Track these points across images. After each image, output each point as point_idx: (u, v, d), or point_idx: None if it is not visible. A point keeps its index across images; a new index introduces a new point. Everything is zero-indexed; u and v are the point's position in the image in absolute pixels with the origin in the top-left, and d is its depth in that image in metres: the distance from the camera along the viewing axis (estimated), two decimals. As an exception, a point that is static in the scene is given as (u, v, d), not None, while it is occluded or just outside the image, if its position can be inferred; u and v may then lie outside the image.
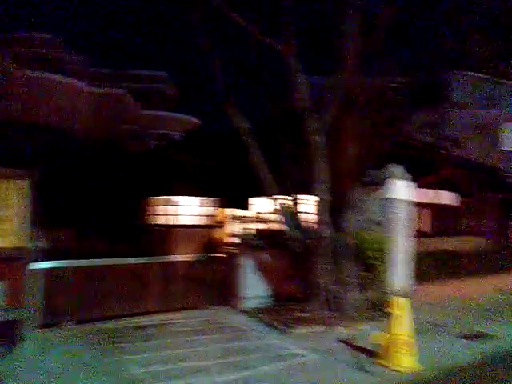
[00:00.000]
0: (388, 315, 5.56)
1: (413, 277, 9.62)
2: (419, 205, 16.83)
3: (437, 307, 9.02)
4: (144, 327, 6.97)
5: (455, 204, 18.08)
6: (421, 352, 5.91)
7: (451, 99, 33.94)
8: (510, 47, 7.82)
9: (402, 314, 5.39)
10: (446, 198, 17.46)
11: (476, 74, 34.01)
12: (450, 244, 12.44)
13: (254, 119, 8.53)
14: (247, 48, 7.34)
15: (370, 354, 5.74)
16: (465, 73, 32.95)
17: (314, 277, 7.48)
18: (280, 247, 8.34)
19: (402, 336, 5.33)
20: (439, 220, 18.56)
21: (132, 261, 7.64)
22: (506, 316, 8.37)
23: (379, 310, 7.91)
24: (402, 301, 5.44)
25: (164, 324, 7.22)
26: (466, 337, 6.89)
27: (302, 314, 7.45)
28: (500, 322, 7.93)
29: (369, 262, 8.04)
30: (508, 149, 36.01)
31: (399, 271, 9.06)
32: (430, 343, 6.47)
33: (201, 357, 5.69)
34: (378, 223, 9.16)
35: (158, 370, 5.18)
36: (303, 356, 5.85)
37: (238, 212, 14.71)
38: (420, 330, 7.12)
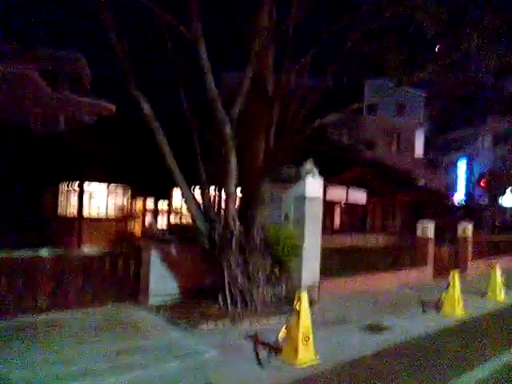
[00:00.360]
0: (292, 310, 5.53)
1: (322, 272, 9.86)
2: (331, 202, 17.58)
3: (343, 301, 9.29)
4: (31, 327, 6.30)
5: (366, 203, 19.07)
6: (322, 345, 6.00)
7: (367, 104, 35.93)
8: (416, 56, 8.22)
9: (303, 309, 5.38)
10: (358, 196, 18.32)
11: (389, 82, 36.34)
12: (360, 240, 12.98)
13: (166, 107, 8.12)
14: (156, 31, 6.93)
15: (273, 349, 5.67)
16: (379, 79, 35.08)
17: (224, 272, 7.30)
18: (192, 241, 8.05)
19: (302, 330, 5.33)
20: (351, 217, 19.44)
21: (21, 254, 6.89)
22: (406, 309, 8.83)
23: (288, 304, 7.94)
24: (304, 295, 5.43)
25: (56, 323, 6.59)
26: (366, 329, 7.13)
27: (210, 310, 7.24)
28: (400, 314, 8.34)
29: (280, 258, 8.04)
30: (417, 155, 38.97)
31: (309, 266, 9.21)
32: (332, 336, 6.59)
33: (91, 358, 5.23)
34: (290, 219, 9.24)
35: (34, 375, 4.65)
36: (205, 353, 5.63)
37: (154, 204, 14.19)
38: (324, 324, 7.29)
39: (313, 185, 9.28)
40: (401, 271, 12.38)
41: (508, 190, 40.21)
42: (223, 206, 7.65)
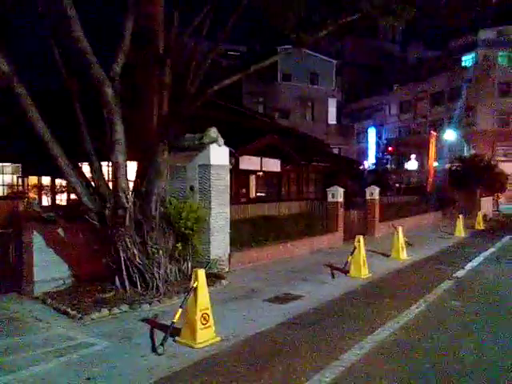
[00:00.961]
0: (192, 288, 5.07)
1: (234, 243, 9.54)
2: (246, 172, 17.32)
3: (255, 272, 9.08)
4: None
5: (281, 171, 19.08)
6: (226, 321, 5.69)
7: (280, 72, 35.91)
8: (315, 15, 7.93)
9: (200, 287, 4.95)
10: (273, 165, 18.22)
11: (302, 50, 36.65)
12: (276, 209, 12.79)
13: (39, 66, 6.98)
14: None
15: (171, 332, 5.19)
16: (291, 47, 35.16)
17: (119, 251, 6.61)
18: (85, 220, 7.19)
19: (200, 309, 4.91)
20: (267, 186, 19.41)
21: None
22: (316, 275, 8.82)
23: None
24: (200, 272, 4.98)
25: None
26: (275, 300, 6.93)
27: (105, 295, 6.56)
28: (309, 281, 8.30)
29: (184, 232, 7.51)
30: (331, 123, 40.10)
31: (218, 239, 8.82)
32: (238, 311, 6.30)
33: None
34: (195, 190, 8.71)
35: None
36: (93, 345, 5.01)
37: (52, 181, 12.80)
38: (233, 298, 6.98)
39: (218, 152, 8.77)
40: (313, 237, 12.51)
41: (412, 156, 43.12)
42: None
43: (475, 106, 41.76)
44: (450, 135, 37.28)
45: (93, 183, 6.98)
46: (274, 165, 18.67)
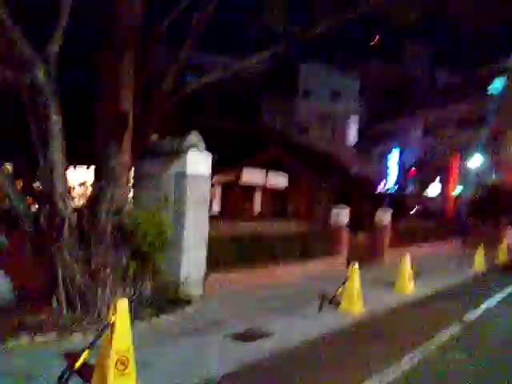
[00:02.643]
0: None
1: (213, 264, 8.44)
2: (249, 186, 16.31)
3: (232, 299, 7.95)
4: None
5: (287, 187, 17.96)
6: (162, 366, 4.58)
7: (301, 88, 35.11)
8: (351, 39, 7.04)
9: (120, 322, 3.86)
10: (278, 180, 17.14)
11: (324, 66, 35.79)
12: (273, 227, 11.69)
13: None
14: None
15: (86, 375, 4.11)
16: (313, 64, 34.39)
17: (56, 266, 5.62)
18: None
19: (116, 352, 3.81)
20: (271, 203, 18.30)
21: None
22: (302, 307, 7.64)
23: (153, 306, 6.47)
24: (121, 304, 3.90)
25: None
26: (238, 337, 5.77)
27: (35, 317, 5.54)
28: (291, 314, 7.13)
29: (143, 249, 6.47)
30: (350, 143, 38.85)
31: (191, 259, 7.74)
32: (187, 350, 5.17)
33: None
34: (169, 201, 7.70)
35: None
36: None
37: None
38: (190, 332, 5.88)
39: (197, 159, 7.76)
40: (311, 261, 11.29)
41: (436, 179, 41.31)
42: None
43: (502, 132, 39.92)
44: (476, 161, 35.47)
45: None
46: (280, 180, 17.60)
